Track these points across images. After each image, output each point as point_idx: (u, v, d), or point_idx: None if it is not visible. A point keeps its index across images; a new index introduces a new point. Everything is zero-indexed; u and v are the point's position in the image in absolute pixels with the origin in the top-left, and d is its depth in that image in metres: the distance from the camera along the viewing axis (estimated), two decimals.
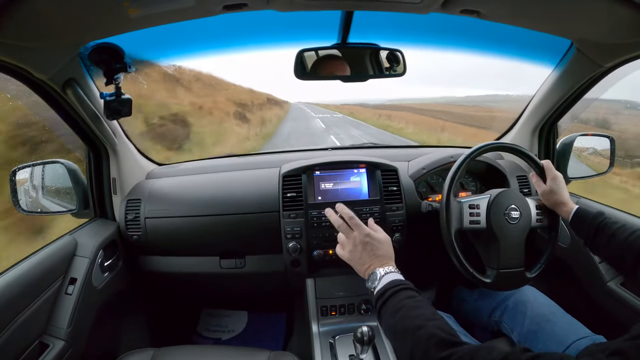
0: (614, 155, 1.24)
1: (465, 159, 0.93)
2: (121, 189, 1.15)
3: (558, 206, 0.91)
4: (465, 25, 0.93)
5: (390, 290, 0.64)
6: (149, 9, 0.70)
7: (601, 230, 0.80)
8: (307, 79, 1.04)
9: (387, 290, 0.64)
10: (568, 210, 0.88)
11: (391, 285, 0.65)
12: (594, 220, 0.82)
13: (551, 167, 0.92)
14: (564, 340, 0.85)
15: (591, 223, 0.82)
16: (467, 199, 0.93)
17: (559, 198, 0.90)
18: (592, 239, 0.82)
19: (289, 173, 1.13)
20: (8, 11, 0.55)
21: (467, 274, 0.90)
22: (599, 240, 0.80)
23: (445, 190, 0.92)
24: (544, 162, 0.94)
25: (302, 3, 0.76)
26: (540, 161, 0.94)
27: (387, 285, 0.65)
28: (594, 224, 0.81)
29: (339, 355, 0.98)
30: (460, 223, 0.91)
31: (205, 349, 1.03)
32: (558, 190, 0.90)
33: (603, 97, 1.19)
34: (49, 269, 0.87)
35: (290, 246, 1.06)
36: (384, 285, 0.66)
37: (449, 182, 0.92)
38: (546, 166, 0.93)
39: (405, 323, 0.57)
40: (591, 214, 0.84)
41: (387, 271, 0.69)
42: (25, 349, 0.78)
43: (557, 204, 0.90)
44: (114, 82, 0.86)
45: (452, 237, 0.90)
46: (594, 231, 0.81)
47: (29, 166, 1.02)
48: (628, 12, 0.68)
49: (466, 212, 0.92)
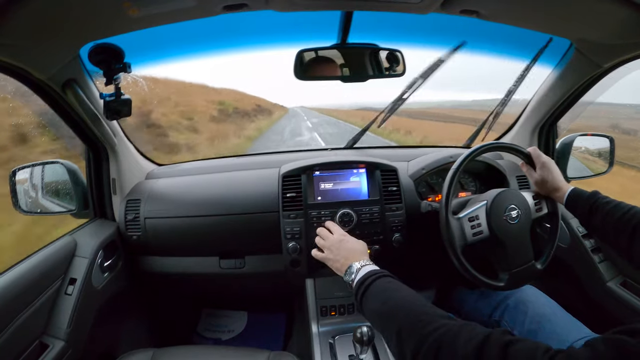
0: (613, 155, 1.25)
1: (463, 161, 0.93)
2: (121, 189, 1.15)
3: (553, 192, 0.90)
4: (465, 26, 0.93)
5: (370, 279, 0.67)
6: (149, 9, 0.70)
7: (596, 209, 0.80)
8: (306, 79, 1.04)
9: (367, 278, 0.67)
10: (562, 194, 0.88)
11: (370, 274, 0.68)
12: (588, 200, 0.82)
13: (539, 154, 0.91)
14: (564, 340, 0.85)
15: (586, 202, 0.82)
16: (465, 213, 0.91)
17: (552, 184, 0.89)
18: (587, 217, 0.82)
19: (289, 173, 1.13)
20: (8, 11, 0.55)
21: (482, 284, 0.89)
22: (594, 219, 0.80)
23: (443, 208, 0.89)
24: (530, 149, 0.92)
25: (302, 3, 0.76)
26: (525, 150, 0.93)
27: (366, 275, 0.69)
28: (588, 203, 0.81)
29: (339, 356, 0.98)
30: (464, 239, 0.89)
31: (205, 349, 1.03)
32: (550, 177, 0.89)
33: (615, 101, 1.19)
34: (48, 269, 0.87)
35: (289, 246, 1.06)
36: (363, 275, 0.69)
37: (444, 199, 0.89)
38: (533, 154, 0.91)
39: (390, 305, 0.59)
40: (586, 193, 0.84)
41: (363, 264, 0.73)
42: (25, 349, 0.78)
43: (552, 190, 0.90)
44: (113, 83, 0.85)
45: (460, 255, 0.88)
46: (589, 209, 0.81)
47: (28, 166, 1.02)
48: (628, 12, 0.68)
49: (467, 226, 0.90)
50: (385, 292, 0.63)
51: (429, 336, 0.50)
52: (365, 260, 0.75)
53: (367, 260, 0.75)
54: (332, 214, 1.06)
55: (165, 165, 1.40)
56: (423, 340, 0.50)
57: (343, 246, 0.81)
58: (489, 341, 0.45)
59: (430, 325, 0.51)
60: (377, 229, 1.09)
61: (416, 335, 0.51)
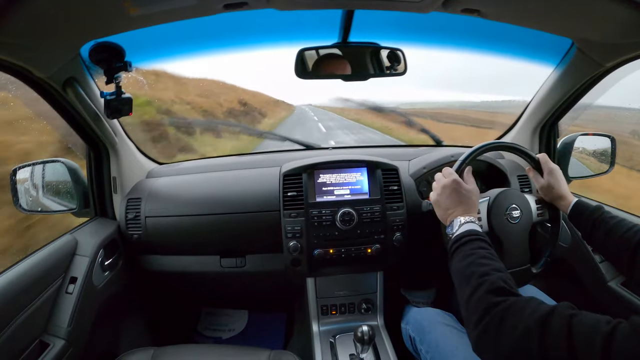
0: (614, 155, 1.24)
1: (465, 159, 0.93)
2: (121, 188, 1.15)
3: (557, 200, 0.90)
4: (466, 25, 0.93)
5: (466, 238, 0.67)
6: (149, 8, 0.70)
7: (599, 224, 0.79)
8: (307, 78, 1.04)
9: (464, 237, 0.67)
10: (567, 204, 0.87)
11: (469, 234, 0.68)
12: (592, 214, 0.82)
13: (547, 160, 0.91)
14: None
15: (589, 216, 0.82)
16: None
17: (557, 192, 0.89)
18: (590, 232, 0.82)
19: (290, 172, 1.12)
20: (8, 10, 0.55)
21: None
22: (596, 234, 0.80)
23: None
24: (540, 155, 0.92)
25: (303, 2, 0.76)
26: (535, 155, 0.93)
27: (465, 233, 0.68)
28: (592, 218, 0.81)
29: (340, 355, 0.98)
30: None
31: (206, 348, 1.03)
32: (556, 184, 0.89)
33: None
34: (49, 268, 0.87)
35: (290, 245, 1.06)
36: (462, 232, 0.69)
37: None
38: (542, 160, 0.91)
39: (472, 268, 0.60)
40: (590, 207, 0.83)
41: (468, 220, 0.72)
42: (25, 347, 0.79)
43: (556, 198, 0.90)
44: (114, 81, 0.85)
45: None
46: (592, 224, 0.81)
47: (29, 165, 1.02)
48: (629, 11, 0.68)
49: None
50: (473, 255, 0.64)
51: (497, 306, 0.51)
52: (470, 216, 0.74)
53: (472, 216, 0.74)
54: (333, 213, 1.06)
55: (166, 164, 1.40)
56: (490, 308, 0.52)
57: (454, 195, 0.78)
58: (553, 314, 0.46)
59: (500, 297, 0.53)
60: (378, 228, 1.09)
61: (484, 304, 0.53)
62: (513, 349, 0.47)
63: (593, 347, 0.40)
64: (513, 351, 0.47)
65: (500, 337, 0.49)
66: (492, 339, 0.50)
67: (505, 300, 0.52)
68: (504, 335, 0.49)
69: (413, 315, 1.01)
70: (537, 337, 0.45)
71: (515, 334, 0.47)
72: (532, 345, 0.45)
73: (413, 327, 0.98)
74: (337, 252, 1.07)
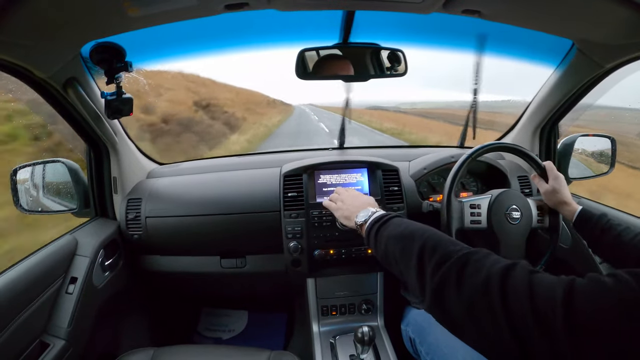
0: (615, 155, 1.24)
1: (467, 158, 0.93)
2: (122, 188, 1.15)
3: (560, 206, 0.90)
4: (466, 26, 0.93)
5: (388, 216, 0.68)
6: (149, 9, 0.70)
7: (606, 232, 0.80)
8: (308, 79, 1.04)
9: (385, 216, 0.68)
10: (572, 211, 0.87)
11: (389, 214, 0.69)
12: (598, 222, 0.82)
13: (553, 167, 0.92)
14: None
15: (596, 224, 0.82)
16: (469, 198, 0.93)
17: (561, 197, 0.89)
18: (596, 240, 0.82)
19: (290, 173, 1.13)
20: (9, 10, 0.55)
21: None
22: (603, 242, 0.80)
23: (447, 190, 0.91)
24: (546, 163, 0.94)
25: (304, 3, 0.76)
26: (542, 162, 0.94)
27: (385, 214, 0.69)
28: (598, 226, 0.81)
29: (340, 355, 0.98)
30: (461, 222, 0.91)
31: (206, 348, 1.03)
32: (560, 189, 0.89)
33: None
34: (49, 268, 0.87)
35: (291, 246, 1.06)
36: (381, 214, 0.70)
37: (450, 182, 0.92)
38: (548, 167, 0.92)
39: (412, 228, 0.59)
40: (595, 215, 0.84)
41: (379, 209, 0.74)
42: (25, 348, 0.78)
43: (560, 203, 0.90)
44: (115, 81, 0.85)
45: (454, 237, 0.90)
46: (599, 233, 0.81)
47: (29, 165, 1.02)
48: (629, 12, 0.68)
49: (467, 211, 0.91)
50: (404, 222, 0.63)
51: (457, 252, 0.49)
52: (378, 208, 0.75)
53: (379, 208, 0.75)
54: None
55: (166, 164, 1.40)
56: (449, 255, 0.49)
57: (356, 200, 0.82)
58: (515, 266, 0.45)
59: (459, 246, 0.51)
60: None
61: (442, 250, 0.51)
62: (473, 300, 0.44)
63: (554, 293, 0.39)
64: (473, 301, 0.44)
65: (462, 285, 0.46)
66: (452, 287, 0.46)
67: (464, 248, 0.50)
68: (466, 282, 0.46)
69: (413, 317, 1.01)
70: (499, 284, 0.43)
71: (477, 281, 0.45)
72: (494, 291, 0.43)
73: (413, 328, 0.98)
74: (337, 253, 1.07)
